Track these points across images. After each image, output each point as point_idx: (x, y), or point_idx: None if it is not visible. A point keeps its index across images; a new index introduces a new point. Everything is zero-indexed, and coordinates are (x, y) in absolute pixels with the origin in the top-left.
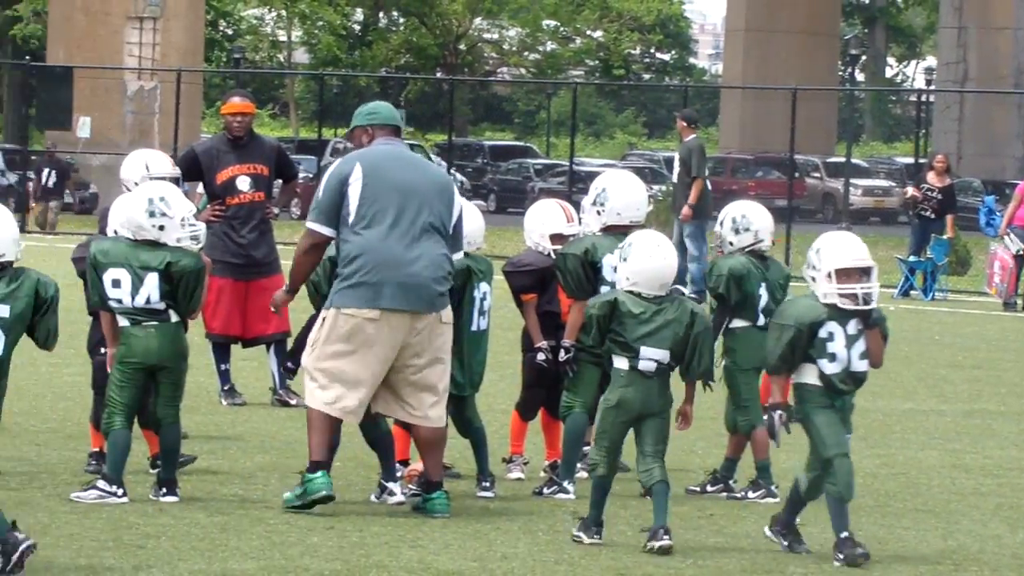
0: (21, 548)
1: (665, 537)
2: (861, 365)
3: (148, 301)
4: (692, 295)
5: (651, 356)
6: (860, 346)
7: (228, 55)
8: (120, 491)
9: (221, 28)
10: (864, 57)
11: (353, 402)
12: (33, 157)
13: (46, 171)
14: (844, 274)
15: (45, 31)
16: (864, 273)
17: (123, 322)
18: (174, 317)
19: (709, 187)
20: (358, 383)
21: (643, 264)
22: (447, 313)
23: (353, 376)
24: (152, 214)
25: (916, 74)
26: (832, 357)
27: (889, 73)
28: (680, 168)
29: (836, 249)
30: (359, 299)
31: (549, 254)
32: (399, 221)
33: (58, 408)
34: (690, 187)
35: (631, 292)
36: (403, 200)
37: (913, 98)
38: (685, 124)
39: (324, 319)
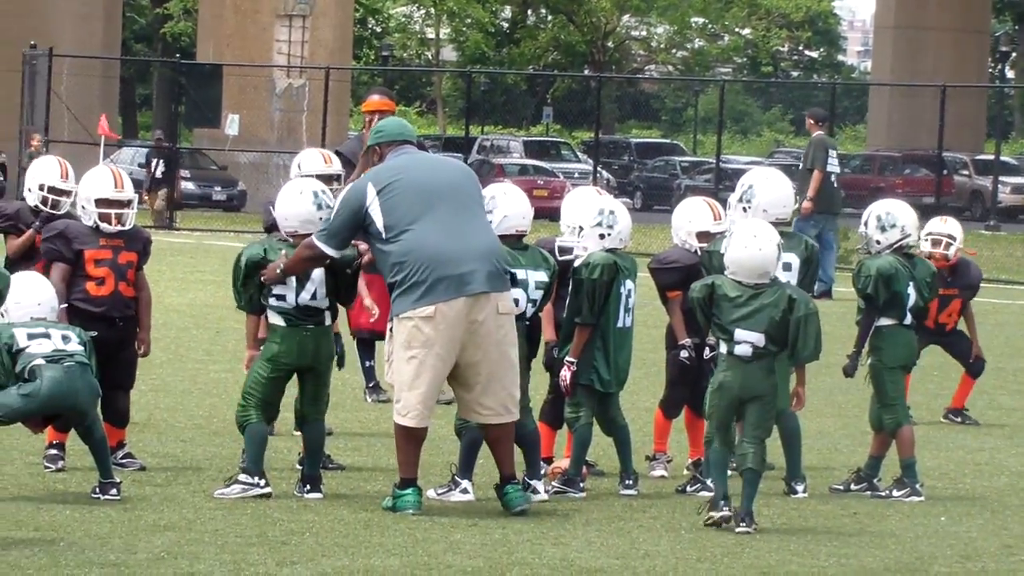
0: None
1: (743, 524)
2: None
3: (314, 297)
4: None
5: (745, 339)
6: None
7: (376, 53)
8: (262, 481)
9: (370, 25)
10: (1015, 54)
11: (425, 409)
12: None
13: (155, 161)
14: None
15: (195, 29)
16: None
17: (277, 320)
18: (328, 319)
19: (834, 182)
20: (425, 388)
21: (738, 254)
22: (505, 303)
23: (419, 381)
24: (319, 206)
25: None
26: None
27: None
28: (803, 163)
29: None
30: (413, 300)
31: (696, 251)
32: (434, 218)
33: (204, 405)
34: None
35: (732, 278)
36: (430, 198)
37: None
38: (812, 121)
39: (389, 330)
